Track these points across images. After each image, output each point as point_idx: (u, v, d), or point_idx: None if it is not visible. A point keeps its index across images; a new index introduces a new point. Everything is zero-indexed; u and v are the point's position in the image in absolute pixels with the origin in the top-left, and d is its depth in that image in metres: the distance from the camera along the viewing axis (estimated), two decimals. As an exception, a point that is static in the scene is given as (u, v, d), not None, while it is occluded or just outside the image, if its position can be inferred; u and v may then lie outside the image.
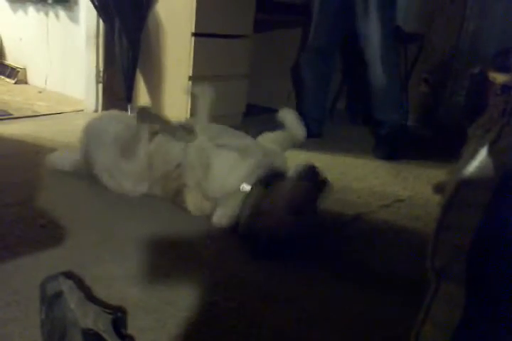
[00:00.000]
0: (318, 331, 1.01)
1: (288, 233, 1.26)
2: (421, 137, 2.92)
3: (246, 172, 1.39)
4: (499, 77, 2.49)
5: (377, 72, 2.35)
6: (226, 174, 1.39)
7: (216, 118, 1.60)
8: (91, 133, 1.68)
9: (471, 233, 0.47)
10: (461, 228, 0.48)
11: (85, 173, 1.67)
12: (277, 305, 1.09)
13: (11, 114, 2.58)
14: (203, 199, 1.45)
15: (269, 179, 1.38)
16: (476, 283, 0.48)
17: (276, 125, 1.62)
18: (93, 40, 2.68)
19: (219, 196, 1.41)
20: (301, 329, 1.01)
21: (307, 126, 2.54)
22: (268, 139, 1.60)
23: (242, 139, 1.54)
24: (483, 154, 0.47)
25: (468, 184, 0.48)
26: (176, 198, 1.52)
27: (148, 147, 1.55)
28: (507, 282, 0.47)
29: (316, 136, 2.57)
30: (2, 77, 3.56)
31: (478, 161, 0.47)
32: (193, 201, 1.47)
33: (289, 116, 1.63)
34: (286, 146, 1.61)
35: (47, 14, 3.25)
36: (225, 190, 1.39)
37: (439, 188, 0.54)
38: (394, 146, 2.41)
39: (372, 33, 2.28)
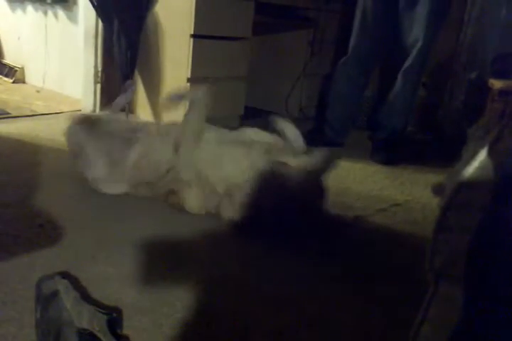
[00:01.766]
0: (318, 332, 1.01)
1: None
2: (419, 141, 2.93)
3: (249, 164, 1.43)
4: (497, 83, 2.50)
5: (399, 79, 2.35)
6: (234, 167, 1.44)
7: (214, 120, 1.60)
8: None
9: (470, 234, 0.47)
10: (461, 229, 0.48)
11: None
12: (276, 306, 1.08)
13: (8, 113, 2.58)
14: (206, 197, 1.48)
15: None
16: (475, 284, 0.48)
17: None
18: (92, 40, 2.68)
19: (226, 189, 1.44)
20: (300, 331, 1.01)
21: (330, 134, 2.56)
22: None
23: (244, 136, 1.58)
24: (482, 155, 0.47)
25: (467, 185, 0.48)
26: (168, 198, 1.54)
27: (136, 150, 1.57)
28: (506, 283, 0.47)
29: (339, 145, 2.57)
30: (0, 76, 3.56)
31: (478, 162, 0.47)
32: (194, 199, 1.49)
33: (289, 128, 1.60)
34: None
35: (45, 13, 3.24)
36: (231, 182, 1.43)
37: (437, 190, 0.54)
38: (392, 151, 2.41)
39: (412, 41, 2.26)
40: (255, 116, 2.98)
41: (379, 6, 2.31)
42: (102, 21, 2.55)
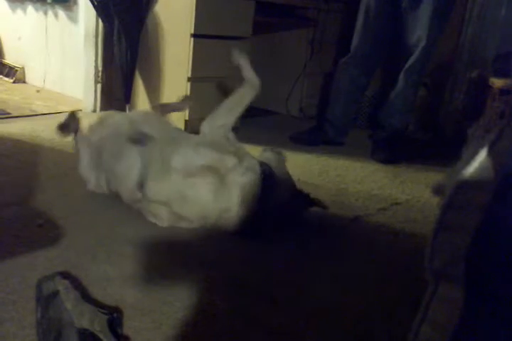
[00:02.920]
0: (317, 331, 1.01)
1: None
2: (419, 140, 2.92)
3: (236, 196, 1.35)
4: (498, 82, 2.50)
5: (400, 78, 2.36)
6: (211, 203, 1.35)
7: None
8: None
9: (470, 234, 0.47)
10: (461, 229, 0.48)
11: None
12: (275, 306, 1.08)
13: (9, 113, 2.58)
14: (175, 217, 1.41)
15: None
16: (475, 283, 0.48)
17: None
18: (92, 40, 2.68)
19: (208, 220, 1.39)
20: (299, 330, 1.01)
21: (331, 133, 2.57)
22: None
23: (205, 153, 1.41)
24: (482, 155, 0.47)
25: (467, 185, 0.48)
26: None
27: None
28: (505, 283, 0.47)
29: (339, 144, 2.58)
30: (0, 76, 3.56)
31: (477, 162, 0.47)
32: (163, 217, 1.42)
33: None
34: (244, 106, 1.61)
35: (46, 13, 3.25)
36: (214, 216, 1.37)
37: (437, 189, 0.54)
38: (392, 150, 2.41)
39: (415, 40, 2.25)
40: (255, 115, 2.97)
41: (382, 5, 2.31)
42: (103, 21, 2.55)
